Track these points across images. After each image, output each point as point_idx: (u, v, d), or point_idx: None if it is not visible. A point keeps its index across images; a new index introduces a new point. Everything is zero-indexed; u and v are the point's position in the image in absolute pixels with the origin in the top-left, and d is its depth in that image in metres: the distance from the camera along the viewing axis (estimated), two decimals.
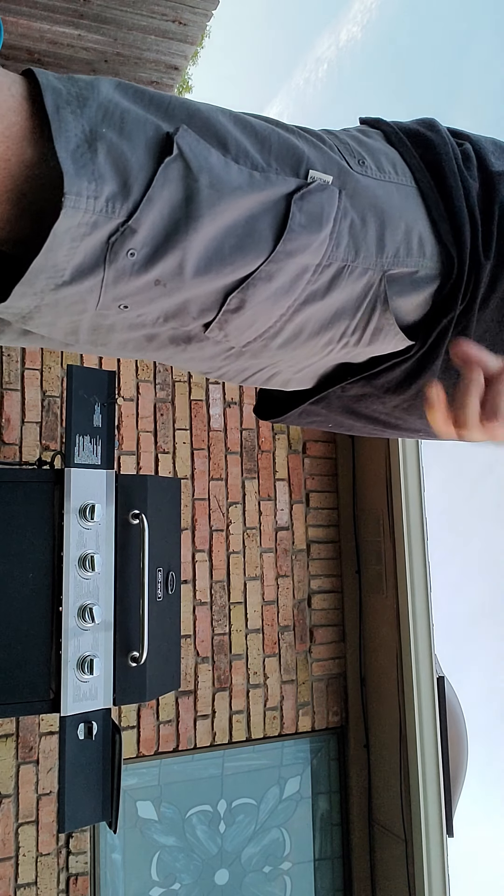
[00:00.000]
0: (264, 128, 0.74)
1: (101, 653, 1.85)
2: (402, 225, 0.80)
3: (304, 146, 0.76)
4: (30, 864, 2.69)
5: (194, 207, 0.67)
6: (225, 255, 0.70)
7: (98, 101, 0.64)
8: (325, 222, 0.74)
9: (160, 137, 0.66)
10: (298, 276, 0.75)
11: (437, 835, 2.97)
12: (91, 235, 0.64)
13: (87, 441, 1.90)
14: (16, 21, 2.90)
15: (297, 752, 3.36)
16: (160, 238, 0.67)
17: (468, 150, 0.87)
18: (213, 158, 0.68)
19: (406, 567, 3.11)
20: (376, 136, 0.86)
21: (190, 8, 2.91)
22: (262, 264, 0.72)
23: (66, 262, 0.64)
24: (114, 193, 0.63)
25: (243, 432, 3.36)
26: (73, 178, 0.60)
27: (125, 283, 0.68)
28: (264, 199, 0.71)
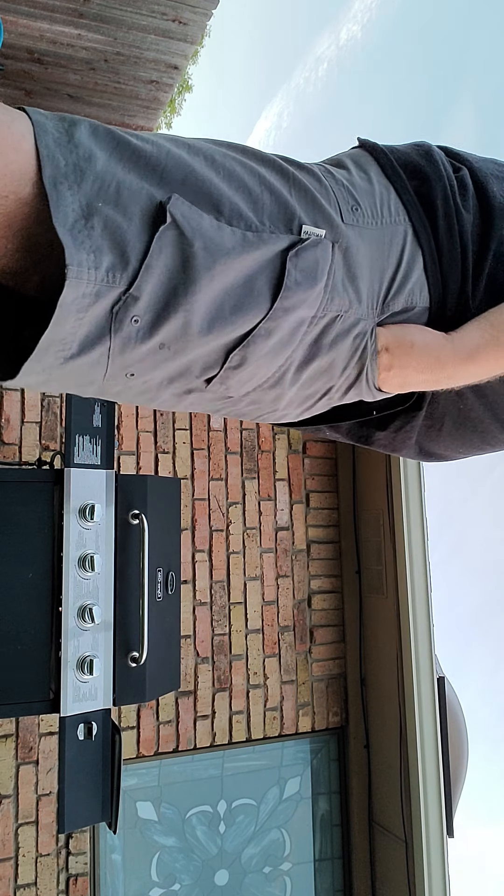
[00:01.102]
0: (257, 184, 0.75)
1: (101, 653, 1.85)
2: (392, 267, 0.82)
3: (296, 201, 0.77)
4: (29, 865, 2.69)
5: (191, 271, 0.69)
6: (226, 314, 0.73)
7: (95, 174, 0.66)
8: (319, 277, 0.76)
9: (154, 207, 0.68)
10: (295, 330, 0.78)
11: (437, 835, 2.97)
12: (95, 305, 0.66)
13: (86, 441, 1.90)
14: (15, 20, 2.90)
15: (297, 752, 3.36)
16: (162, 303, 0.70)
17: (464, 177, 0.88)
18: (206, 223, 0.70)
19: (406, 567, 3.11)
20: (372, 168, 0.87)
21: (190, 7, 2.91)
22: (262, 321, 0.75)
23: (73, 334, 0.67)
24: (113, 263, 0.66)
25: (243, 432, 3.36)
26: (73, 251, 0.63)
27: (131, 351, 0.71)
28: (259, 258, 0.73)
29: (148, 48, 3.12)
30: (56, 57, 3.15)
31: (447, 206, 0.84)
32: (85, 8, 2.87)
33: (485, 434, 1.00)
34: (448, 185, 0.85)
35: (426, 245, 0.83)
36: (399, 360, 0.82)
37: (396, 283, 0.83)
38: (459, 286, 0.84)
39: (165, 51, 3.14)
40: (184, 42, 3.10)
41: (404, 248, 0.83)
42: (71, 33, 3.01)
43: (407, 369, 0.83)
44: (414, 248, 0.83)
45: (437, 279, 0.84)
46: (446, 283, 0.84)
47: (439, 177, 0.85)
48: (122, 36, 3.03)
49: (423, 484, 3.21)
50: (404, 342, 0.82)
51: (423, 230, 0.83)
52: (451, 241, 0.83)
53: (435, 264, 0.83)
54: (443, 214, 0.84)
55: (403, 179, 0.85)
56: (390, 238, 0.82)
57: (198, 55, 10.96)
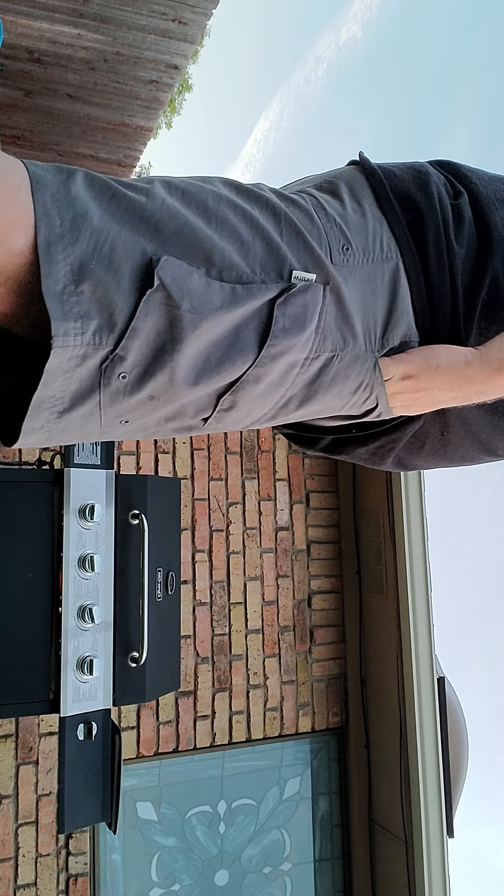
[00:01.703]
0: (249, 232, 0.76)
1: (101, 653, 1.85)
2: (386, 303, 0.83)
3: (286, 246, 0.77)
4: (29, 865, 2.69)
5: (178, 331, 0.71)
6: (212, 366, 0.74)
7: (90, 232, 0.67)
8: (308, 322, 0.77)
9: (144, 264, 0.69)
10: (287, 372, 0.79)
11: (437, 835, 2.97)
12: (82, 366, 0.68)
13: (86, 441, 1.90)
14: (15, 20, 2.90)
15: (297, 752, 3.36)
16: (148, 360, 0.72)
17: (461, 207, 0.87)
18: (194, 282, 0.71)
19: (406, 567, 3.11)
20: (367, 198, 0.86)
21: (190, 7, 2.91)
22: (249, 369, 0.76)
23: (63, 391, 0.70)
24: (100, 326, 0.68)
25: (243, 432, 3.36)
26: (60, 321, 0.65)
27: (121, 403, 0.73)
28: (247, 310, 0.74)
29: (148, 48, 3.12)
30: (56, 57, 3.15)
31: (438, 241, 0.84)
32: (85, 8, 2.87)
33: (466, 454, 1.01)
34: (441, 220, 0.85)
35: (415, 281, 0.84)
36: (426, 383, 0.82)
37: (393, 318, 0.83)
38: (450, 321, 0.85)
39: (165, 50, 3.14)
40: (184, 42, 3.10)
41: (396, 284, 0.83)
42: (71, 33, 3.01)
43: (434, 390, 0.83)
44: (403, 285, 0.84)
45: (426, 315, 0.84)
46: (435, 318, 0.84)
47: (433, 210, 0.85)
48: (121, 36, 3.03)
49: (423, 484, 3.21)
50: (430, 365, 0.82)
51: (413, 266, 0.84)
52: (441, 277, 0.84)
53: (423, 300, 0.84)
54: (433, 250, 0.84)
55: (397, 213, 0.85)
56: (381, 274, 0.83)
57: (198, 55, 10.96)
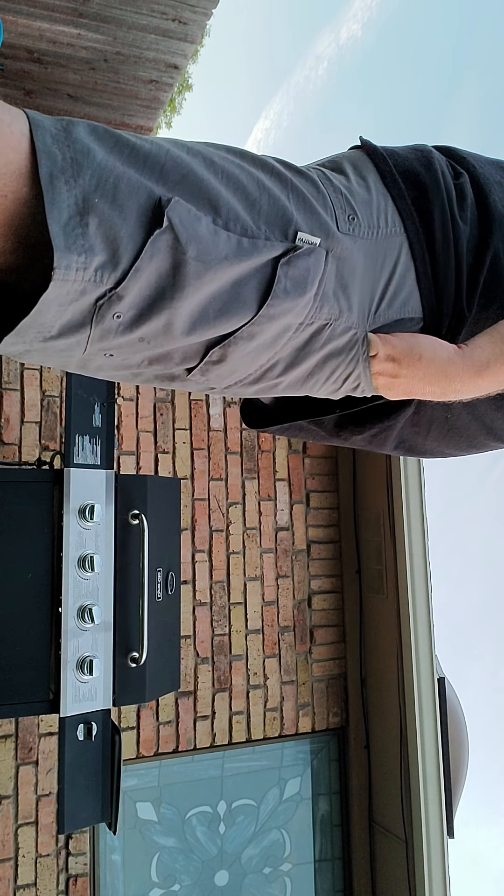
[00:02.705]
0: (255, 188, 0.75)
1: (101, 653, 1.84)
2: (385, 278, 0.82)
3: (294, 208, 0.76)
4: (29, 865, 2.69)
5: (181, 277, 0.69)
6: (209, 318, 0.73)
7: (92, 168, 0.66)
8: (309, 286, 0.76)
9: (152, 205, 0.68)
10: (280, 335, 0.78)
11: (438, 835, 2.97)
12: (79, 300, 0.67)
13: (86, 441, 1.90)
14: (15, 20, 2.90)
15: (297, 752, 3.36)
16: (146, 304, 0.70)
17: (464, 186, 0.87)
18: (202, 229, 0.70)
19: (406, 567, 3.10)
20: (371, 175, 0.86)
21: (190, 7, 2.91)
22: (245, 326, 0.75)
23: (54, 321, 0.68)
24: (103, 263, 0.66)
25: (243, 432, 3.36)
26: (64, 253, 0.63)
27: (110, 340, 0.72)
28: (251, 265, 0.73)
29: (148, 48, 3.11)
30: (56, 56, 3.15)
31: (444, 218, 0.83)
32: (85, 7, 2.87)
33: (472, 439, 1.00)
34: (446, 197, 0.85)
35: (420, 258, 0.83)
36: (406, 371, 0.81)
37: (388, 295, 0.82)
38: (454, 299, 0.84)
39: (165, 50, 3.14)
40: (184, 41, 3.10)
41: (398, 260, 0.82)
42: (71, 33, 3.00)
43: (413, 380, 0.82)
44: (408, 261, 0.83)
45: (431, 292, 0.83)
46: (440, 295, 0.84)
47: (438, 187, 0.85)
48: (122, 35, 3.03)
49: (424, 484, 3.20)
50: (412, 354, 0.81)
51: (419, 243, 0.83)
52: (447, 254, 0.83)
53: (428, 277, 0.83)
54: (440, 226, 0.83)
55: (402, 189, 0.85)
56: (385, 250, 0.82)
57: (198, 54, 10.96)
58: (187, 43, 3.11)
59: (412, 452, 1.04)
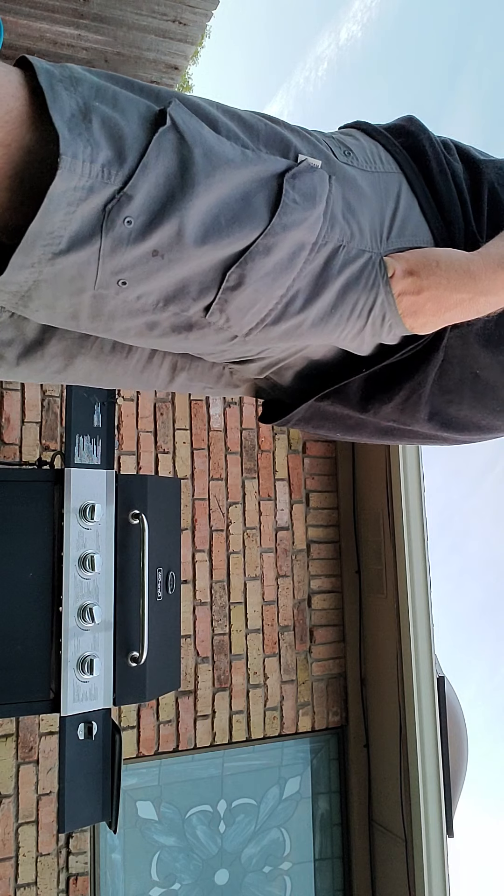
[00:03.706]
0: (251, 116, 0.77)
1: (101, 653, 1.85)
2: (391, 210, 0.82)
3: (291, 135, 0.78)
4: (30, 864, 2.69)
5: (189, 176, 0.68)
6: (222, 226, 0.71)
7: (90, 84, 0.66)
8: (318, 201, 0.75)
9: (153, 113, 0.68)
10: (296, 253, 0.76)
11: (437, 835, 2.97)
12: (87, 201, 0.64)
13: (87, 441, 1.90)
14: (16, 21, 2.90)
15: (297, 752, 3.36)
16: (156, 206, 0.67)
17: (447, 140, 0.91)
18: (206, 132, 0.70)
19: (406, 567, 3.11)
20: (357, 133, 0.89)
21: (190, 8, 2.91)
22: (259, 237, 0.72)
23: (63, 228, 0.64)
24: (109, 160, 0.64)
25: (243, 432, 3.36)
26: (69, 142, 0.61)
27: (122, 254, 0.68)
28: (257, 175, 0.72)
29: (148, 48, 3.12)
30: (56, 57, 3.15)
31: (436, 154, 0.86)
32: (85, 8, 2.88)
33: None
34: (434, 140, 0.88)
35: (420, 190, 0.83)
36: (428, 281, 0.79)
37: (397, 225, 0.82)
38: (463, 225, 0.84)
39: (165, 51, 3.14)
40: (184, 42, 3.10)
41: (400, 195, 0.83)
42: (71, 34, 3.01)
43: (439, 289, 0.79)
44: (409, 195, 0.83)
45: (438, 220, 0.83)
46: (449, 223, 0.84)
47: (424, 131, 0.88)
48: (122, 36, 3.03)
49: (423, 484, 3.21)
50: (429, 262, 0.79)
51: (416, 178, 0.84)
52: (447, 183, 0.84)
53: (433, 208, 0.83)
54: (434, 160, 0.85)
55: (389, 137, 0.87)
56: (385, 185, 0.83)
57: (198, 55, 10.96)
58: (187, 44, 3.11)
59: (449, 427, 0.99)
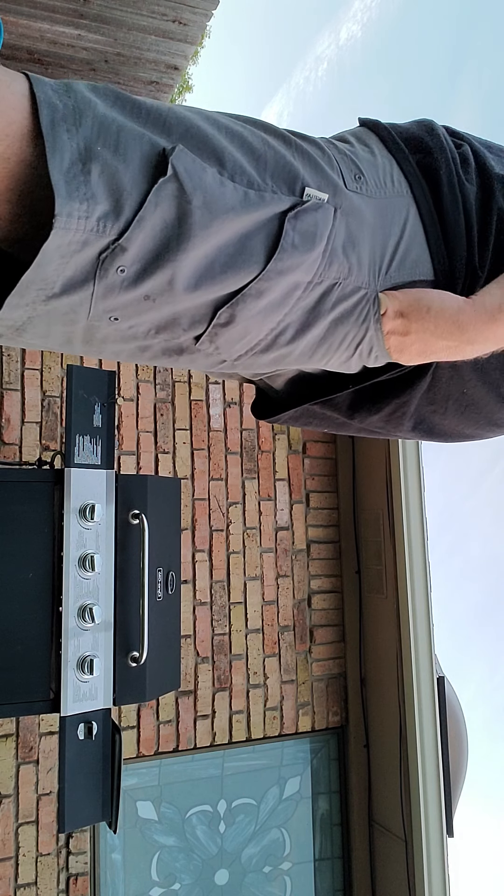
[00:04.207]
0: (260, 143, 0.74)
1: (101, 653, 1.85)
2: (395, 239, 0.81)
3: (299, 164, 0.75)
4: (30, 864, 2.69)
5: (186, 228, 0.67)
6: (216, 272, 0.70)
7: (94, 116, 0.65)
8: (318, 241, 0.74)
9: (155, 154, 0.66)
10: (289, 293, 0.75)
11: (437, 835, 2.97)
12: (81, 252, 0.64)
13: (87, 441, 1.90)
14: (16, 21, 2.90)
15: (297, 752, 3.36)
16: (150, 256, 0.67)
17: (466, 152, 0.87)
18: (208, 178, 0.68)
19: (406, 567, 3.11)
20: (374, 143, 0.86)
21: (190, 8, 2.91)
22: (253, 281, 0.72)
23: (57, 276, 0.65)
24: (105, 213, 0.64)
25: (243, 432, 3.36)
26: (65, 200, 0.61)
27: (114, 298, 0.69)
28: (258, 218, 0.71)
29: (148, 49, 3.12)
30: (56, 57, 3.15)
31: (451, 176, 0.83)
32: (85, 8, 2.88)
33: (491, 415, 0.98)
34: (451, 158, 0.84)
35: (428, 217, 0.82)
36: (416, 325, 0.79)
37: (399, 255, 0.81)
38: (466, 257, 0.83)
39: (165, 51, 3.14)
40: (184, 43, 3.10)
41: (406, 221, 0.81)
42: (71, 34, 3.01)
43: (426, 334, 0.79)
44: (416, 221, 0.82)
45: (441, 251, 0.82)
46: (452, 255, 0.82)
47: (442, 150, 0.84)
48: (122, 36, 3.03)
49: (423, 484, 3.21)
50: (420, 306, 0.78)
51: (425, 202, 0.82)
52: (456, 212, 0.82)
53: (438, 237, 0.82)
54: (447, 184, 0.82)
55: (405, 152, 0.84)
56: (392, 210, 0.81)
57: (198, 56, 10.96)
58: (187, 44, 3.11)
59: (431, 434, 1.01)
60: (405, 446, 3.19)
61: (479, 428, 1.01)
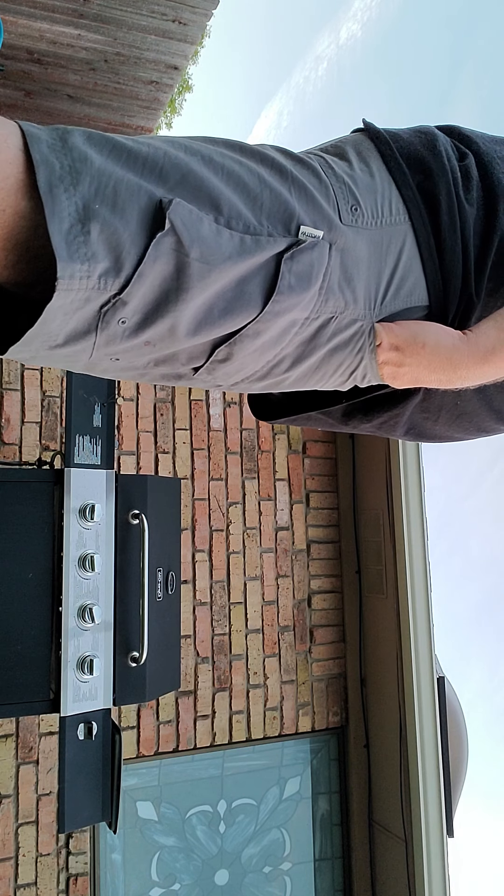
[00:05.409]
0: (256, 183, 0.74)
1: (101, 653, 1.85)
2: (390, 268, 0.81)
3: (295, 200, 0.76)
4: (30, 865, 2.69)
5: (185, 280, 0.69)
6: (214, 318, 0.72)
7: (91, 174, 0.65)
8: (314, 280, 0.75)
9: (153, 207, 0.67)
10: (286, 330, 0.77)
11: (437, 835, 2.97)
12: (83, 308, 0.66)
13: (87, 441, 1.90)
14: (16, 21, 2.90)
15: (297, 752, 3.36)
16: (151, 307, 0.69)
17: (469, 166, 0.86)
18: (205, 229, 0.69)
19: (406, 567, 3.11)
20: (374, 160, 0.85)
21: (190, 7, 2.91)
22: (250, 323, 0.74)
23: (60, 329, 0.67)
24: (106, 270, 0.65)
25: (243, 432, 3.36)
26: (67, 262, 0.63)
27: (116, 345, 0.72)
28: (255, 263, 0.72)
29: (148, 48, 3.12)
30: (56, 57, 3.15)
31: (450, 202, 0.83)
32: (85, 8, 2.88)
33: (481, 424, 1.00)
34: (451, 180, 0.84)
35: (425, 246, 0.82)
36: (411, 359, 0.80)
37: (394, 284, 0.81)
38: (462, 284, 0.83)
39: (165, 51, 3.14)
40: (184, 42, 3.10)
41: (403, 248, 0.82)
42: (71, 34, 3.01)
43: (419, 368, 0.81)
44: (413, 248, 0.82)
45: (437, 278, 0.83)
46: (447, 282, 0.83)
47: (443, 170, 0.84)
48: (122, 36, 3.03)
49: (423, 484, 3.21)
50: (416, 342, 0.80)
51: (423, 231, 0.82)
52: (454, 239, 0.82)
53: (434, 264, 0.82)
54: (446, 211, 0.82)
55: (406, 174, 0.84)
56: (389, 239, 0.81)
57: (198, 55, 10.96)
58: (187, 44, 3.11)
59: (422, 438, 1.04)
60: (405, 446, 3.19)
61: (467, 433, 1.04)
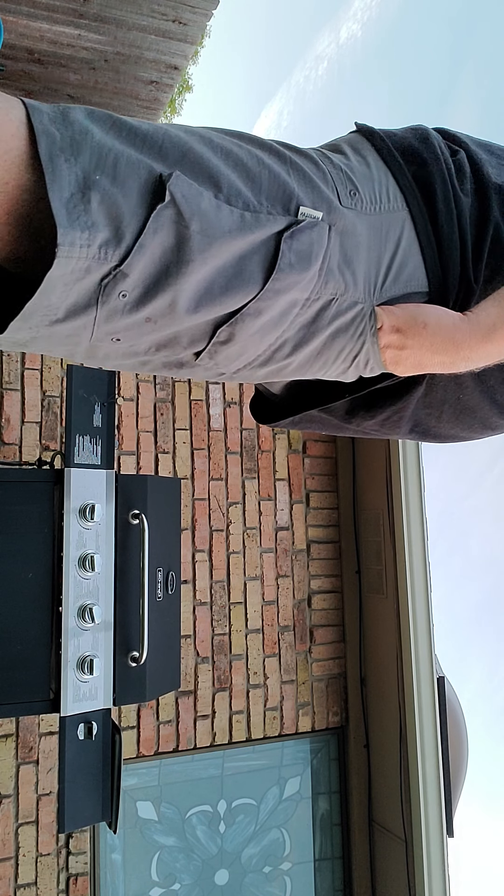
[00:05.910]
0: (255, 163, 0.75)
1: (101, 653, 1.85)
2: (389, 254, 0.81)
3: (294, 182, 0.76)
4: (30, 865, 2.69)
5: (185, 252, 0.69)
6: (215, 294, 0.72)
7: (91, 146, 0.66)
8: (314, 260, 0.75)
9: (153, 181, 0.67)
10: (287, 311, 0.77)
11: (437, 835, 2.97)
12: (84, 279, 0.66)
13: (87, 441, 1.90)
14: (16, 21, 2.90)
15: (297, 752, 3.36)
16: (151, 281, 0.69)
17: (462, 161, 0.87)
18: (205, 203, 0.69)
19: (406, 567, 3.11)
20: (370, 153, 0.86)
21: (190, 7, 2.91)
22: (251, 301, 0.74)
23: (60, 302, 0.67)
24: (106, 240, 0.65)
25: (243, 432, 3.36)
26: (67, 230, 0.63)
27: (117, 321, 0.71)
28: (254, 239, 0.72)
29: (148, 48, 3.12)
30: (56, 57, 3.15)
31: (446, 190, 0.83)
32: (85, 8, 2.88)
33: (485, 420, 0.99)
34: (446, 169, 0.84)
35: (423, 231, 0.82)
36: (412, 341, 0.80)
37: (394, 269, 0.81)
38: (460, 270, 0.83)
39: (165, 51, 3.14)
40: (184, 42, 3.10)
41: (402, 235, 0.82)
42: (71, 33, 3.01)
43: (421, 349, 0.80)
44: (411, 235, 0.82)
45: (436, 264, 0.83)
46: (446, 268, 0.83)
47: (437, 160, 0.85)
48: (122, 36, 3.03)
49: (423, 484, 3.21)
50: (417, 322, 0.79)
51: (421, 216, 0.82)
52: (451, 226, 0.83)
53: (433, 250, 0.83)
54: (442, 198, 0.83)
55: (401, 164, 0.84)
56: (388, 225, 0.81)
57: (198, 55, 10.96)
58: (187, 44, 3.11)
59: (426, 436, 1.03)
60: (405, 446, 3.19)
61: (472, 431, 1.03)
